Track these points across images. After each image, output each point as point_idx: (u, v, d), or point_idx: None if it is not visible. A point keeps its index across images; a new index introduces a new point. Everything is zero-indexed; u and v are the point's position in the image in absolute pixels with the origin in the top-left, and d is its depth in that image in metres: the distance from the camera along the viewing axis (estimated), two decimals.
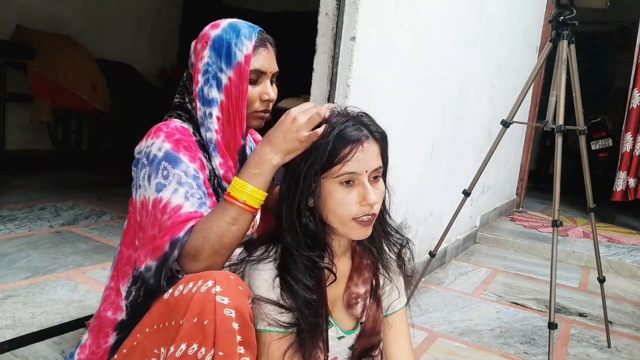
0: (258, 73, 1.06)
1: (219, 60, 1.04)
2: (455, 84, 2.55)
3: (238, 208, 0.93)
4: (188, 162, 0.99)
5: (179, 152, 1.00)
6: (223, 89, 1.04)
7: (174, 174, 0.97)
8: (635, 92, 3.62)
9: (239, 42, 1.04)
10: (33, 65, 3.85)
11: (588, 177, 1.84)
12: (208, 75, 1.05)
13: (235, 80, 1.03)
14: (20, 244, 2.29)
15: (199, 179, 1.00)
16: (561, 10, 1.74)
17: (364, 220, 0.93)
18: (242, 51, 1.03)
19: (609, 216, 4.17)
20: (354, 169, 0.90)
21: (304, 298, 0.91)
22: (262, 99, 1.07)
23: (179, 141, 1.01)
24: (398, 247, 1.07)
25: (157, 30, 5.42)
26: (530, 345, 1.88)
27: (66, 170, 4.27)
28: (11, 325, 1.55)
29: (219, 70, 1.04)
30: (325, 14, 1.69)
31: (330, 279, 0.98)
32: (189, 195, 0.96)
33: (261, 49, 1.06)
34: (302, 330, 0.92)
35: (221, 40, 1.04)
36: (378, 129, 0.96)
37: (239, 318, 0.85)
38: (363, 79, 1.74)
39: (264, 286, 0.93)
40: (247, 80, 1.04)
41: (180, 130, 1.04)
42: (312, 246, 0.94)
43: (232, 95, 1.04)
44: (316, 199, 0.92)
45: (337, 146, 0.90)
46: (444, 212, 2.62)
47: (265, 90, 1.07)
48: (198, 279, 0.88)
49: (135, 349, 0.93)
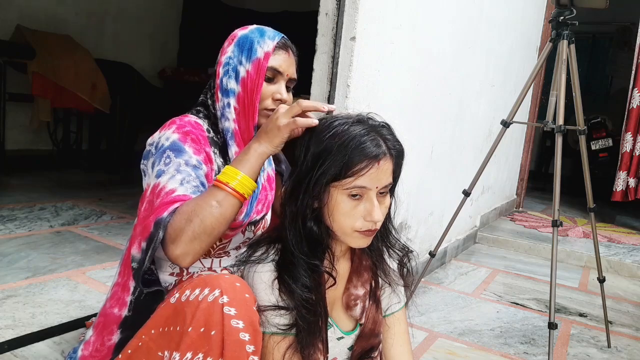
0: (274, 72, 1.09)
1: (241, 54, 1.09)
2: (455, 84, 2.55)
3: (224, 192, 0.92)
4: (191, 153, 1.01)
5: (185, 142, 1.02)
6: (240, 81, 1.08)
7: (174, 162, 0.98)
8: (635, 92, 3.62)
9: (262, 41, 1.09)
10: (33, 65, 3.85)
11: (588, 177, 1.84)
12: (228, 67, 1.09)
13: (252, 73, 1.07)
14: (20, 244, 2.29)
15: (199, 169, 1.01)
16: (561, 10, 1.74)
17: (366, 232, 0.93)
18: (262, 48, 1.08)
19: (609, 216, 4.17)
20: (365, 184, 0.90)
21: (302, 297, 0.91)
22: (274, 97, 1.10)
23: (188, 133, 1.03)
24: (400, 256, 1.06)
25: (157, 30, 5.41)
26: (530, 345, 1.88)
27: (66, 170, 4.27)
28: (11, 325, 1.55)
29: (239, 63, 1.08)
30: (325, 14, 1.69)
31: (330, 282, 0.98)
32: (185, 181, 0.96)
33: (281, 51, 1.10)
34: (301, 330, 0.92)
35: (246, 38, 1.10)
36: (396, 145, 0.94)
37: (249, 328, 0.86)
38: (363, 79, 1.74)
39: (263, 288, 0.93)
40: (263, 76, 1.08)
41: (193, 124, 1.07)
42: (314, 250, 0.94)
43: (248, 87, 1.08)
44: (322, 205, 0.92)
45: (353, 159, 0.88)
46: (444, 212, 2.62)
47: (279, 90, 1.10)
48: (205, 286, 0.88)
49: (140, 349, 0.94)
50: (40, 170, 4.06)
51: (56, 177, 3.95)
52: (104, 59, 4.47)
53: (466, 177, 2.17)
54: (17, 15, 4.10)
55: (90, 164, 4.53)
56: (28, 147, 4.39)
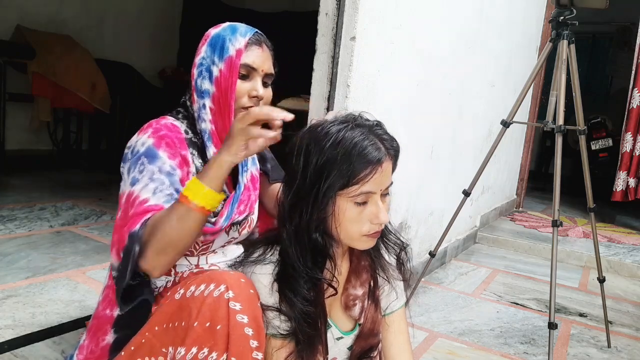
0: (248, 68, 1.07)
1: (213, 54, 1.07)
2: (455, 84, 2.55)
3: (187, 207, 0.91)
4: (166, 159, 1.00)
5: (159, 148, 1.01)
6: (214, 81, 1.06)
7: (148, 169, 0.98)
8: (635, 92, 3.62)
9: (233, 38, 1.06)
10: (33, 65, 3.85)
11: (588, 177, 1.84)
12: (202, 68, 1.08)
13: (225, 72, 1.05)
14: (20, 244, 2.29)
15: (173, 176, 1.00)
16: (561, 10, 1.74)
17: (373, 234, 0.94)
18: (234, 45, 1.06)
19: (609, 216, 4.17)
20: (370, 189, 0.90)
21: (302, 310, 0.91)
22: (250, 94, 1.07)
23: (163, 137, 1.02)
24: (396, 250, 1.06)
25: (157, 30, 5.41)
26: (530, 345, 1.88)
27: (66, 170, 4.27)
28: (11, 325, 1.55)
29: (212, 63, 1.06)
30: (325, 14, 1.69)
31: (331, 291, 0.97)
32: (158, 190, 0.96)
33: (254, 47, 1.08)
34: (301, 341, 0.92)
35: (218, 36, 1.08)
36: (393, 144, 0.94)
37: (253, 323, 0.87)
38: (363, 79, 1.74)
39: (263, 291, 0.93)
40: (237, 74, 1.05)
41: (169, 127, 1.06)
42: (316, 261, 0.94)
43: (222, 87, 1.06)
44: (327, 215, 0.91)
45: (357, 167, 0.88)
46: (444, 212, 2.62)
47: (254, 87, 1.08)
48: (210, 282, 0.89)
49: (143, 346, 0.94)
50: (40, 170, 4.06)
51: (56, 177, 3.95)
52: (104, 59, 4.47)
53: (466, 177, 2.17)
54: (17, 15, 4.10)
55: (90, 164, 4.53)
56: (28, 147, 4.39)
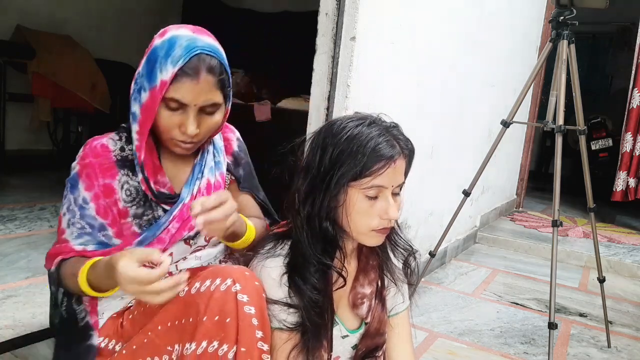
0: (178, 103, 0.95)
1: (145, 75, 0.96)
2: (455, 84, 2.55)
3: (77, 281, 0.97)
4: (82, 190, 1.02)
5: (80, 177, 1.02)
6: (141, 107, 0.98)
7: (68, 198, 1.03)
8: (635, 92, 3.62)
9: (164, 63, 0.93)
10: (33, 65, 3.85)
11: (588, 177, 1.84)
12: (136, 88, 0.99)
13: (148, 102, 0.95)
14: (20, 244, 2.29)
15: (85, 209, 1.01)
16: (561, 10, 1.74)
17: (381, 230, 0.96)
18: (162, 74, 0.93)
19: (609, 216, 4.17)
20: (382, 183, 0.92)
21: (311, 298, 0.93)
22: (180, 130, 0.97)
23: (86, 166, 1.02)
24: (405, 255, 1.07)
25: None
26: (530, 345, 1.88)
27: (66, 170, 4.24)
28: (11, 325, 1.55)
29: (141, 87, 0.97)
30: (325, 14, 1.69)
31: (339, 283, 0.99)
32: (70, 223, 1.02)
33: (185, 79, 0.92)
34: (307, 330, 0.93)
35: (154, 53, 0.95)
36: (408, 145, 0.98)
37: (259, 314, 0.89)
38: (363, 79, 1.74)
39: (271, 284, 0.94)
40: (155, 107, 0.95)
41: (98, 151, 1.02)
42: (327, 250, 0.96)
43: (144, 116, 0.97)
44: (339, 205, 0.94)
45: (372, 159, 0.91)
46: (444, 212, 2.62)
47: (183, 122, 0.96)
48: (215, 277, 0.90)
49: (146, 345, 0.94)
50: (40, 170, 4.06)
51: (56, 177, 3.93)
52: (104, 59, 4.47)
53: (466, 177, 2.16)
54: (17, 15, 4.10)
55: None
56: (28, 147, 4.39)
